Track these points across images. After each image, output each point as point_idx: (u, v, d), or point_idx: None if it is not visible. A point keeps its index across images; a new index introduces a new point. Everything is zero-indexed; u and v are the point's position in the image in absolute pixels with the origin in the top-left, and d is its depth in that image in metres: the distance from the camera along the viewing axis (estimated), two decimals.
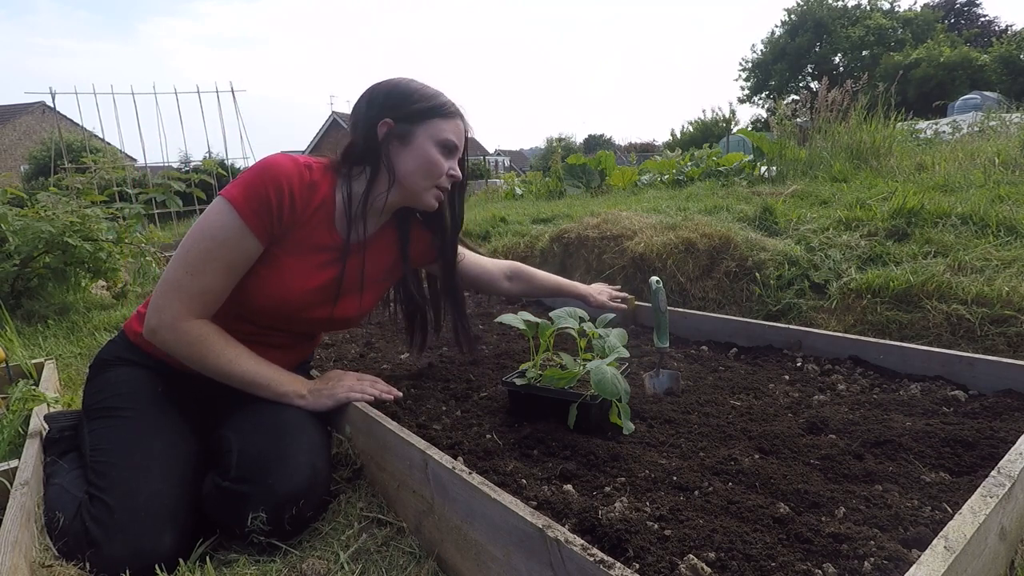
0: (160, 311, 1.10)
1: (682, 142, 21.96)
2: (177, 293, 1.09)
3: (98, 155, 6.91)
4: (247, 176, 1.10)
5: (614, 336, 1.24)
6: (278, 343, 1.27)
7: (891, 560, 0.69)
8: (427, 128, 1.20)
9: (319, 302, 1.22)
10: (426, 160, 1.19)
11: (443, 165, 1.21)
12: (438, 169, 1.20)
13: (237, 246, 1.09)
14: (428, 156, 1.19)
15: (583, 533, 0.78)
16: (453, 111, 1.23)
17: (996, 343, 1.53)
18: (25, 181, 14.54)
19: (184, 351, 1.11)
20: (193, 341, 1.10)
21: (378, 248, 1.30)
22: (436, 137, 1.20)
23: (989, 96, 11.73)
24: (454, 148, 1.23)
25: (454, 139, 1.22)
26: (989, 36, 29.39)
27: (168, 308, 1.09)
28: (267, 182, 1.09)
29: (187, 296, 1.09)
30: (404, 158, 1.20)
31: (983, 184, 2.65)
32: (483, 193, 7.65)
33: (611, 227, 2.66)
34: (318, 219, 1.18)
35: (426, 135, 1.20)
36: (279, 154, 1.15)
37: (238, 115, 7.04)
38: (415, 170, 1.20)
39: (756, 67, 35.76)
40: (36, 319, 2.90)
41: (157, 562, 0.94)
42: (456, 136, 1.23)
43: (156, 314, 1.10)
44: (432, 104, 1.21)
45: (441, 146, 1.20)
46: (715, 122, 22.70)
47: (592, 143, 39.06)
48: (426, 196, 1.23)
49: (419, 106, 1.20)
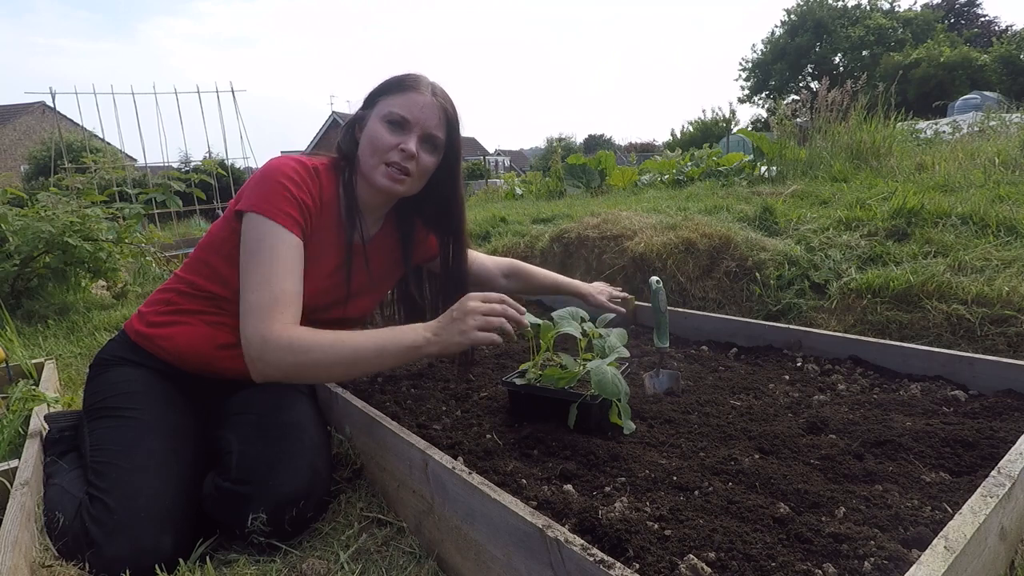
0: (249, 343, 1.04)
1: (682, 142, 21.96)
2: (256, 315, 1.04)
3: (98, 155, 6.92)
4: (261, 183, 1.10)
5: (614, 336, 1.24)
6: None
7: (891, 560, 0.69)
8: (379, 107, 1.18)
9: (330, 303, 1.22)
10: (370, 136, 1.17)
11: (387, 139, 1.15)
12: (382, 143, 1.15)
13: (285, 246, 1.08)
14: (371, 132, 1.16)
15: (583, 533, 0.78)
16: (408, 85, 1.18)
17: (996, 343, 1.53)
18: (25, 181, 14.54)
19: (300, 359, 1.03)
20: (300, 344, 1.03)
21: (381, 246, 1.30)
22: (381, 113, 1.17)
23: (989, 96, 11.71)
24: (402, 121, 1.16)
25: (399, 111, 1.16)
26: (989, 36, 29.38)
27: (255, 334, 1.03)
28: (283, 181, 1.10)
29: (264, 311, 1.04)
30: (361, 143, 1.18)
31: (983, 184, 2.65)
32: (483, 193, 7.65)
33: (611, 227, 2.66)
34: (327, 218, 1.18)
35: (376, 114, 1.18)
36: (283, 156, 1.15)
37: (238, 115, 7.05)
38: (364, 150, 1.18)
39: (756, 67, 35.75)
40: (36, 319, 2.90)
41: (157, 562, 0.94)
42: (405, 109, 1.16)
43: (250, 347, 1.05)
44: (389, 83, 1.18)
45: (386, 121, 1.16)
46: (715, 122, 22.69)
47: (592, 143, 39.09)
48: (374, 175, 1.17)
49: (378, 88, 1.19)
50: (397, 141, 1.15)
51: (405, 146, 1.15)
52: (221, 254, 1.18)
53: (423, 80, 1.20)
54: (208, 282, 1.19)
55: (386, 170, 1.17)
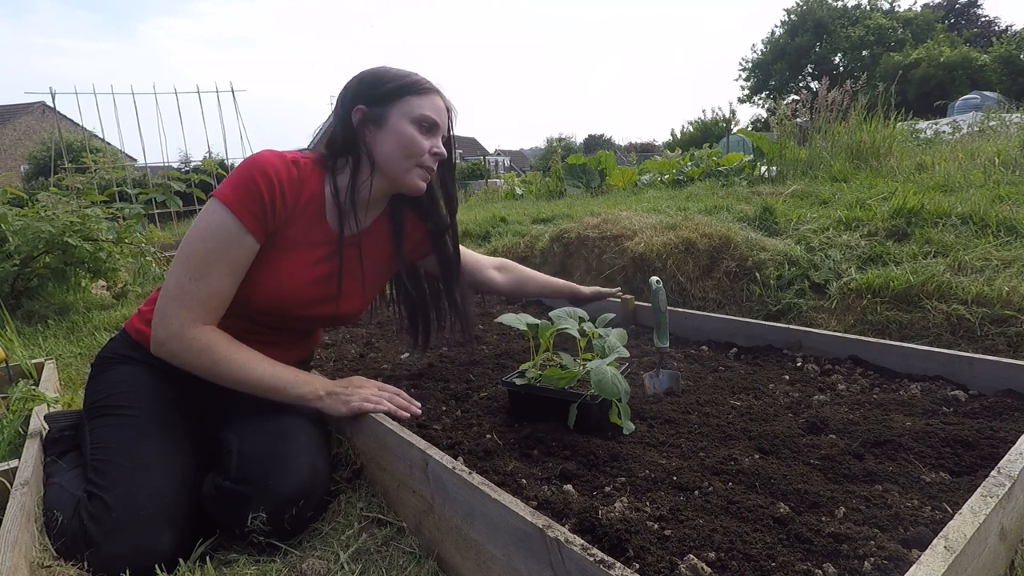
0: (166, 322, 1.07)
1: (682, 142, 21.97)
2: (182, 301, 1.07)
3: (98, 155, 6.93)
4: (236, 174, 1.09)
5: (614, 336, 1.24)
6: (276, 341, 1.26)
7: (891, 560, 0.69)
8: (401, 107, 1.16)
9: (319, 299, 1.21)
10: (403, 139, 1.15)
11: (422, 143, 1.16)
12: (417, 147, 1.16)
13: (237, 245, 1.08)
14: (405, 135, 1.15)
15: (583, 533, 0.78)
16: (428, 87, 1.18)
17: (996, 343, 1.53)
18: (25, 181, 14.54)
19: (194, 360, 1.08)
20: (203, 348, 1.07)
21: (374, 241, 1.29)
22: (411, 114, 1.15)
23: (989, 96, 11.71)
24: (433, 125, 1.18)
25: (432, 115, 1.17)
26: (989, 36, 29.37)
27: (174, 317, 1.06)
28: (256, 177, 1.08)
29: (193, 302, 1.07)
30: (381, 141, 1.16)
31: (983, 184, 2.65)
32: (483, 193, 7.66)
33: (611, 227, 2.66)
34: (309, 214, 1.17)
35: (400, 114, 1.16)
36: (266, 150, 1.14)
37: (238, 115, 7.05)
38: (393, 151, 1.16)
39: (756, 67, 35.75)
40: (36, 319, 2.90)
41: (157, 562, 0.94)
42: (434, 112, 1.18)
43: (162, 325, 1.07)
44: (403, 82, 1.17)
45: (417, 123, 1.16)
46: (715, 122, 22.71)
47: (592, 143, 39.11)
48: (409, 177, 1.18)
49: (390, 86, 1.16)
50: (431, 144, 1.17)
51: (437, 149, 1.18)
52: None
53: (433, 83, 1.21)
54: None
55: (421, 172, 1.19)
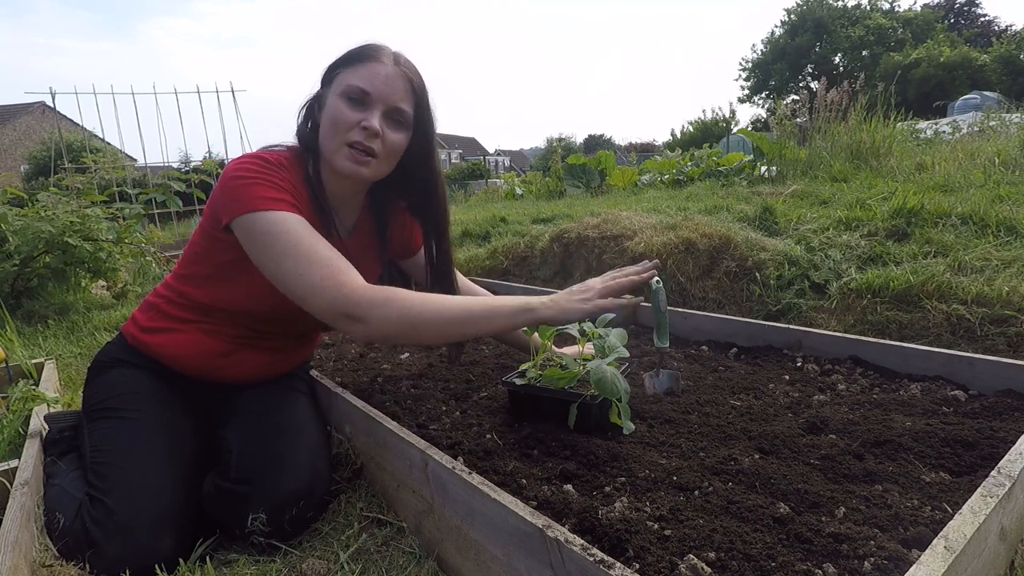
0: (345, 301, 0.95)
1: (682, 142, 21.96)
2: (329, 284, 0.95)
3: (98, 155, 6.93)
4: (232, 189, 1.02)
5: (614, 336, 1.23)
6: (275, 346, 1.26)
7: (891, 560, 0.69)
8: (336, 84, 1.06)
9: None
10: (328, 115, 1.04)
11: (348, 116, 1.03)
12: (341, 121, 1.03)
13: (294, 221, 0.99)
14: (330, 110, 1.04)
15: (583, 533, 0.78)
16: (366, 55, 1.06)
17: (996, 343, 1.53)
18: (25, 181, 14.55)
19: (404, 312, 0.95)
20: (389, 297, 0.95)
21: (359, 242, 1.24)
22: (339, 88, 1.05)
23: (989, 96, 11.72)
24: (362, 94, 1.03)
25: (361, 84, 1.03)
26: (989, 36, 29.38)
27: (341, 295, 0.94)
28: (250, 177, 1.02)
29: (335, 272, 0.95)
30: (321, 126, 1.07)
31: (983, 184, 2.65)
32: (483, 193, 7.66)
33: (611, 227, 2.66)
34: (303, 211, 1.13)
35: (334, 92, 1.05)
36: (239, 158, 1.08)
37: (238, 115, 7.04)
38: (324, 132, 1.06)
39: (756, 67, 35.76)
40: (36, 319, 2.90)
41: (157, 563, 0.94)
42: (366, 82, 1.03)
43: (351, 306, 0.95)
44: (345, 56, 1.06)
45: (346, 97, 1.03)
46: (715, 122, 22.70)
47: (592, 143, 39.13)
48: (336, 159, 1.06)
49: (334, 63, 1.07)
50: (359, 118, 1.03)
51: (367, 123, 1.03)
52: (205, 266, 1.15)
53: (384, 49, 1.08)
54: (197, 291, 1.16)
55: (349, 152, 1.04)
